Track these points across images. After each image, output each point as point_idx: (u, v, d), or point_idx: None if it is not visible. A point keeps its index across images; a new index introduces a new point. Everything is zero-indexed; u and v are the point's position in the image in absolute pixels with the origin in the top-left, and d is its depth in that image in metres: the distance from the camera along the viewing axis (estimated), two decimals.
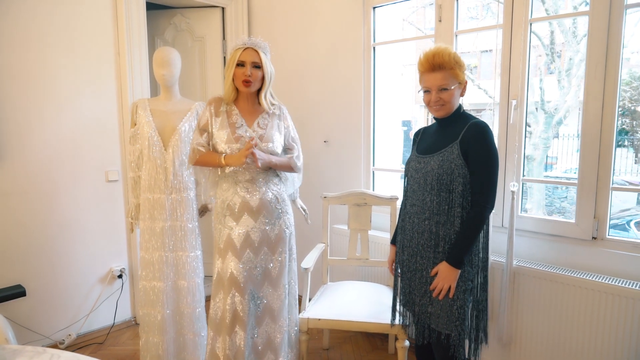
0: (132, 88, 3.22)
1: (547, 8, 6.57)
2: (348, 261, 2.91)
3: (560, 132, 8.56)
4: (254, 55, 2.18)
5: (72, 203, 3.08)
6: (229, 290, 2.21)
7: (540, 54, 7.77)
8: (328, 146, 3.48)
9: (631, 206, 6.88)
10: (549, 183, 6.69)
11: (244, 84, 2.18)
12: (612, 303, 2.13)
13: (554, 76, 7.71)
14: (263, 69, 2.20)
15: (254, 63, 2.18)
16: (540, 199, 7.11)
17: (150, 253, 2.62)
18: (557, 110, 7.18)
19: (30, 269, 2.93)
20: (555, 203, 7.80)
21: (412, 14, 9.00)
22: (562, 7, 7.51)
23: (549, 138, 7.20)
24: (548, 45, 7.17)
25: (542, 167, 7.20)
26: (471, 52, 10.26)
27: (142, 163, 2.64)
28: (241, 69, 2.17)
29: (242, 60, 2.17)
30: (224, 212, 2.26)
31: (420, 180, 1.95)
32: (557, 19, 6.26)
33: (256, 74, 2.19)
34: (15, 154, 2.83)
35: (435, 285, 1.88)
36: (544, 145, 7.04)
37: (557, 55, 7.50)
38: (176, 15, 3.84)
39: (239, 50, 2.18)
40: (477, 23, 8.85)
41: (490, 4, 8.58)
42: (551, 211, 7.56)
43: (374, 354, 2.98)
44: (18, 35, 2.78)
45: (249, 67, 2.16)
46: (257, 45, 2.20)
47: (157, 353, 2.64)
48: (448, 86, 1.86)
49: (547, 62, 7.86)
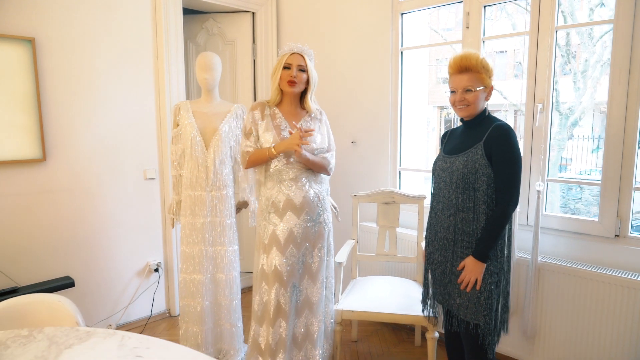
0: (170, 90, 3.38)
1: (564, 10, 6.63)
2: (376, 257, 3.04)
3: (575, 133, 8.59)
4: (300, 59, 2.34)
5: (112, 200, 3.24)
6: (273, 284, 2.34)
7: (556, 56, 7.82)
8: (356, 147, 3.61)
9: None
10: (573, 183, 6.74)
11: (290, 84, 2.33)
12: (633, 297, 2.24)
13: (569, 77, 7.76)
14: (308, 73, 2.36)
15: (300, 66, 2.34)
16: (555, 200, 7.17)
17: (191, 247, 2.76)
18: (572, 112, 7.22)
19: (76, 262, 3.10)
20: (570, 204, 7.84)
21: (428, 16, 9.09)
22: (578, 8, 7.56)
23: (563, 139, 7.24)
24: (564, 46, 7.21)
25: (556, 168, 7.25)
26: (488, 53, 10.32)
27: (184, 162, 2.79)
28: (287, 71, 2.33)
29: (289, 63, 2.33)
30: (268, 209, 2.39)
31: (446, 179, 2.08)
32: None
33: (301, 76, 2.34)
34: (61, 153, 2.99)
35: (463, 278, 2.01)
36: (559, 147, 7.08)
37: (572, 56, 7.54)
38: (208, 20, 3.99)
39: (286, 55, 2.34)
40: (492, 24, 8.90)
41: (506, 5, 8.67)
42: (565, 212, 7.61)
43: (401, 346, 3.11)
44: (64, 38, 2.95)
45: (294, 69, 2.32)
46: (303, 51, 2.37)
47: (196, 342, 2.79)
48: (473, 87, 1.99)
49: (563, 64, 7.90)
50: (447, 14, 10.93)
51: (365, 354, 3.03)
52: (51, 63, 2.90)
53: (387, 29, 3.30)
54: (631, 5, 2.25)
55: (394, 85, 3.33)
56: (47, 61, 2.88)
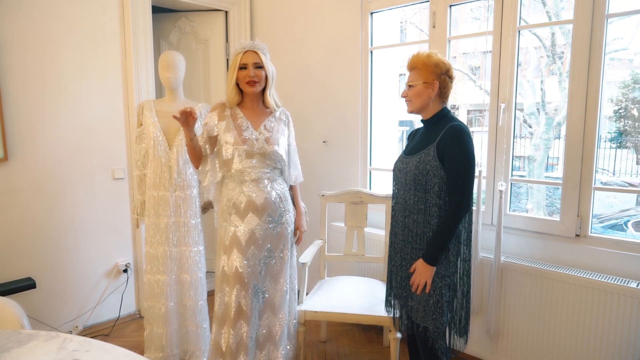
0: (138, 89, 3.34)
1: (548, 10, 6.65)
2: (345, 257, 3.03)
3: (562, 133, 8.62)
4: (255, 56, 2.30)
5: (79, 200, 3.21)
6: (234, 285, 2.32)
7: (542, 56, 7.83)
8: (327, 146, 3.60)
9: (631, 206, 6.94)
10: (537, 183, 6.80)
11: (249, 85, 2.30)
12: (593, 297, 2.24)
13: (555, 77, 7.78)
14: (265, 69, 2.32)
15: (256, 64, 2.29)
16: (541, 200, 7.19)
17: (155, 248, 2.74)
18: (558, 112, 7.24)
19: (39, 263, 3.06)
20: (557, 204, 7.86)
21: (415, 15, 9.09)
22: (566, 8, 7.55)
23: (550, 139, 7.26)
24: (549, 47, 7.23)
25: (543, 168, 7.27)
26: (473, 53, 10.32)
27: (148, 162, 2.76)
28: (244, 72, 2.29)
29: (244, 62, 2.28)
30: (229, 210, 2.36)
31: (402, 179, 2.07)
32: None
33: (259, 74, 2.30)
34: (26, 152, 2.95)
35: (413, 280, 2.00)
36: (545, 146, 7.10)
37: (558, 57, 7.56)
38: (181, 18, 3.96)
39: (240, 54, 2.30)
40: (480, 24, 8.92)
41: (491, 5, 8.68)
42: (551, 212, 7.62)
43: (370, 347, 3.10)
44: (28, 36, 2.91)
45: (251, 68, 2.28)
46: (256, 47, 2.31)
47: (161, 344, 2.76)
48: (412, 83, 2.01)
49: (548, 64, 7.92)
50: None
51: (332, 354, 3.02)
52: (13, 61, 2.86)
53: (357, 28, 3.29)
54: (589, 6, 2.25)
55: (364, 84, 3.32)
56: (9, 59, 2.84)
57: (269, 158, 2.35)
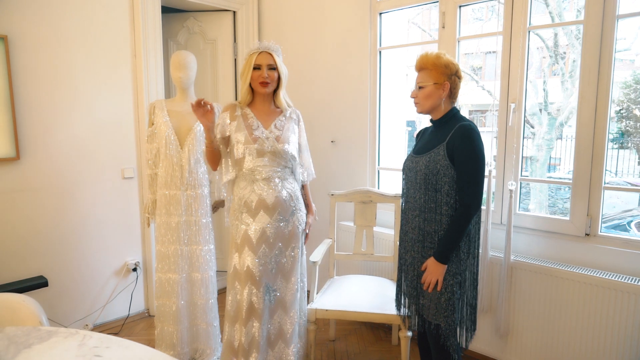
0: (148, 89, 3.36)
1: (551, 11, 6.66)
2: (354, 256, 3.05)
3: (564, 133, 8.64)
4: (269, 58, 2.32)
5: (90, 199, 3.23)
6: (245, 284, 2.34)
7: (545, 56, 7.84)
8: (335, 146, 3.61)
9: (633, 207, 6.96)
10: (546, 182, 6.79)
11: (262, 85, 2.32)
12: (603, 296, 2.26)
13: (557, 78, 7.79)
14: (278, 70, 2.34)
15: (269, 65, 2.32)
16: (543, 200, 7.20)
17: (166, 246, 2.76)
18: (560, 112, 7.25)
19: (51, 261, 3.07)
20: (559, 204, 7.88)
21: (417, 16, 9.10)
22: (568, 9, 7.57)
23: (552, 139, 7.27)
24: (552, 47, 7.24)
25: (545, 168, 7.28)
26: (475, 54, 10.35)
27: (159, 161, 2.78)
28: (258, 72, 2.31)
29: (258, 63, 2.31)
30: (240, 209, 2.38)
31: (412, 178, 2.08)
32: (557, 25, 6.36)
33: (272, 75, 2.33)
34: (37, 151, 2.97)
35: (424, 279, 2.02)
36: (548, 147, 7.11)
37: (560, 57, 7.58)
38: (189, 18, 3.98)
39: (254, 55, 2.32)
40: (482, 24, 8.93)
41: (494, 5, 8.71)
42: (554, 212, 7.63)
43: (378, 345, 3.12)
44: (39, 36, 2.93)
45: (265, 69, 2.30)
46: (270, 48, 2.34)
47: (172, 342, 2.79)
48: (422, 84, 2.01)
49: (551, 64, 7.93)
50: (436, 14, 10.97)
51: (342, 352, 3.03)
52: (25, 61, 2.88)
53: (366, 28, 3.31)
54: (600, 6, 2.27)
55: (372, 84, 3.34)
56: (21, 59, 2.86)
57: (279, 157, 2.37)
